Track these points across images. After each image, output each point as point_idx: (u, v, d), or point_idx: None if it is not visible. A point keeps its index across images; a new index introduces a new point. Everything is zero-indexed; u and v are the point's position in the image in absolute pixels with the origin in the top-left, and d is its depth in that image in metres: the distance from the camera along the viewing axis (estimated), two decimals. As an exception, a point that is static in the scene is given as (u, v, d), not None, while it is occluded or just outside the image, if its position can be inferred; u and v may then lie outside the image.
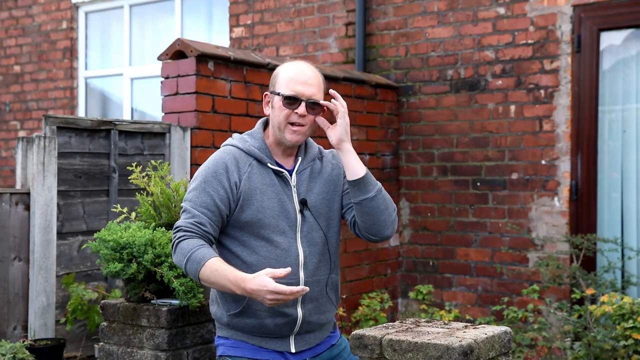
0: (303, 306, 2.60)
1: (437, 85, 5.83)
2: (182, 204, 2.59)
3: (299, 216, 2.61)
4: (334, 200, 2.71)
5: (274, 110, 2.62)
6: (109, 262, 3.17)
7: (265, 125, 2.71)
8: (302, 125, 2.60)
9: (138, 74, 7.52)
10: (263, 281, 2.33)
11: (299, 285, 2.56)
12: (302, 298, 2.58)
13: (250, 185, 2.57)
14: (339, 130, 2.62)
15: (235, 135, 2.72)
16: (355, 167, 2.60)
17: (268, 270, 2.37)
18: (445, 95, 5.79)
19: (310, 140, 2.77)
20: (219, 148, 2.62)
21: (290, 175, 2.64)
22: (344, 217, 2.74)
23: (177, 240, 2.52)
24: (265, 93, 2.68)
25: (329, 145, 2.73)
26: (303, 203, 2.63)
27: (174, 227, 2.56)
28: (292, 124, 2.60)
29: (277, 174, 2.62)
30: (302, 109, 2.58)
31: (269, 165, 2.61)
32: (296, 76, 2.60)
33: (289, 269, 2.37)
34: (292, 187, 2.63)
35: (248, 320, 2.58)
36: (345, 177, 2.67)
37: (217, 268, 2.43)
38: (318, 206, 2.66)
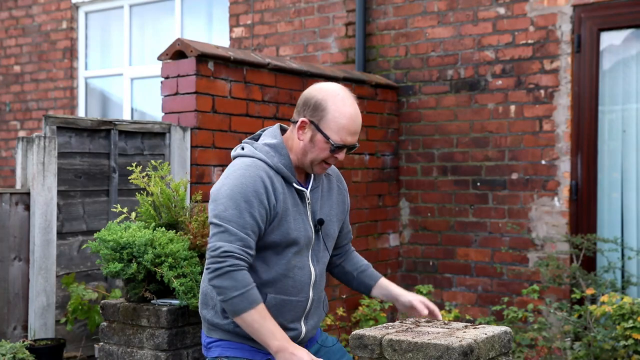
0: (306, 322, 2.64)
1: (437, 85, 5.83)
2: (219, 222, 2.45)
3: (314, 235, 2.63)
4: (337, 223, 2.75)
5: (314, 146, 2.55)
6: (109, 262, 3.17)
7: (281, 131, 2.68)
8: (332, 165, 2.63)
9: (138, 74, 7.52)
10: (303, 356, 2.38)
11: (308, 303, 2.63)
12: (306, 314, 2.63)
13: (284, 206, 2.54)
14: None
15: (258, 145, 2.61)
16: None
17: (311, 356, 2.41)
18: (445, 95, 5.79)
19: None
20: (219, 148, 2.62)
21: (306, 192, 2.64)
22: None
23: (230, 269, 2.41)
24: (304, 120, 2.55)
25: None
26: (320, 223, 2.64)
27: (218, 247, 2.43)
28: (326, 162, 2.59)
29: (298, 192, 2.61)
30: (342, 155, 2.58)
31: (294, 185, 2.59)
32: (349, 126, 2.53)
33: None
34: (307, 204, 2.63)
35: None
36: (348, 204, 2.79)
37: (265, 315, 2.43)
38: (327, 227, 2.68)
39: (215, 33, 7.16)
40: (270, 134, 2.65)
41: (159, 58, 4.52)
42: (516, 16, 5.50)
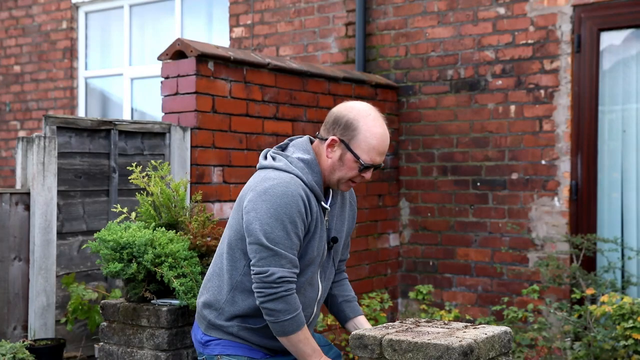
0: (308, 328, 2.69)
1: (437, 85, 5.83)
2: (269, 244, 2.45)
3: (326, 252, 2.66)
4: (345, 239, 2.77)
5: (342, 164, 2.57)
6: (109, 262, 3.17)
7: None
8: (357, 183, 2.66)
9: (138, 74, 7.52)
10: None
11: (311, 318, 2.68)
12: (309, 324, 2.69)
13: (314, 225, 2.56)
14: None
15: (292, 160, 2.59)
16: None
17: None
18: (445, 95, 5.79)
19: None
20: (219, 148, 2.61)
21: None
22: None
23: (285, 293, 2.46)
24: (334, 138, 2.56)
25: None
26: (334, 241, 2.67)
27: (272, 274, 2.45)
28: (353, 180, 2.61)
29: (323, 209, 2.62)
30: (369, 174, 2.60)
31: (322, 203, 2.60)
32: (379, 146, 2.56)
33: None
34: (325, 221, 2.64)
35: (257, 338, 2.63)
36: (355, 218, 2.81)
37: (308, 336, 2.54)
38: (337, 244, 2.71)
39: (215, 33, 7.16)
40: (301, 148, 2.63)
41: (159, 58, 4.52)
42: (516, 16, 5.50)
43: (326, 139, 2.58)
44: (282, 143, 2.71)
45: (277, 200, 2.46)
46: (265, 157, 2.64)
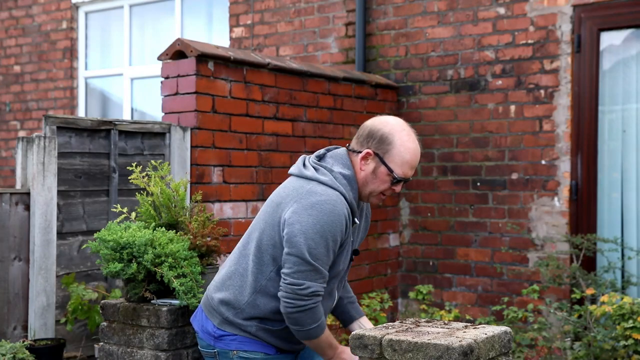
0: None
1: (437, 85, 5.83)
2: (311, 260, 2.48)
3: (348, 264, 2.71)
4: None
5: (375, 177, 2.61)
6: (109, 262, 3.17)
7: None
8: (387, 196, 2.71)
9: (138, 74, 7.52)
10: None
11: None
12: None
13: (346, 240, 2.61)
14: None
15: (337, 175, 2.59)
16: None
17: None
18: (445, 95, 5.79)
19: None
20: (219, 148, 2.61)
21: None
22: None
23: (314, 305, 2.53)
24: (369, 151, 2.60)
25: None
26: (355, 254, 2.72)
27: (307, 287, 2.50)
28: (383, 193, 2.66)
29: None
30: (400, 187, 2.65)
31: (355, 220, 2.63)
32: (412, 161, 2.61)
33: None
34: (351, 235, 2.67)
35: (276, 340, 2.67)
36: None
37: (328, 335, 2.63)
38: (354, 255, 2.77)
39: (215, 33, 7.16)
40: (342, 162, 2.65)
41: (159, 58, 4.52)
42: (516, 16, 5.50)
43: (360, 152, 2.62)
44: (319, 152, 2.71)
45: (324, 218, 2.49)
46: (304, 165, 2.64)
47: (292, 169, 2.67)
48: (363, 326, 2.88)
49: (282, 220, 2.54)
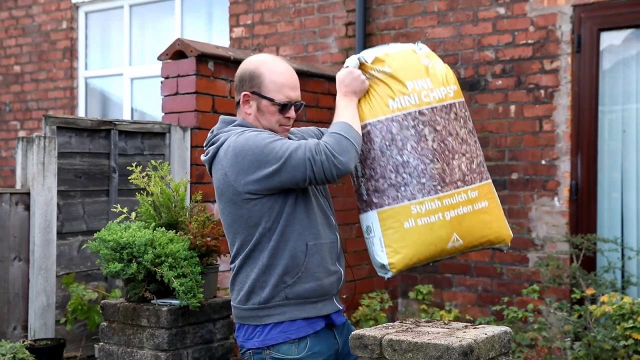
0: (339, 262, 2.68)
1: (437, 85, 5.83)
2: (277, 165, 2.45)
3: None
4: None
5: (263, 114, 2.61)
6: (109, 262, 3.17)
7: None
8: (290, 125, 2.67)
9: (138, 74, 7.53)
10: (344, 70, 2.67)
11: (337, 245, 2.68)
12: (338, 255, 2.67)
13: None
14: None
15: (230, 129, 2.62)
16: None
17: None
18: (445, 95, 5.78)
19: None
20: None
21: None
22: None
23: (328, 151, 2.45)
24: (245, 93, 2.62)
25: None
26: None
27: (309, 154, 2.45)
28: (282, 125, 2.64)
29: None
30: (292, 113, 2.63)
31: None
32: (287, 81, 2.62)
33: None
34: None
35: (307, 285, 2.56)
36: None
37: (351, 118, 2.61)
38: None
39: (215, 33, 7.16)
40: (226, 121, 2.66)
41: (159, 58, 4.52)
42: (516, 16, 5.50)
43: (239, 100, 2.64)
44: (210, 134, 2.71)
45: (247, 145, 2.49)
46: (207, 152, 2.65)
47: (202, 157, 2.69)
48: None
49: (224, 182, 2.53)
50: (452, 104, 2.70)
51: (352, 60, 2.77)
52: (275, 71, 2.61)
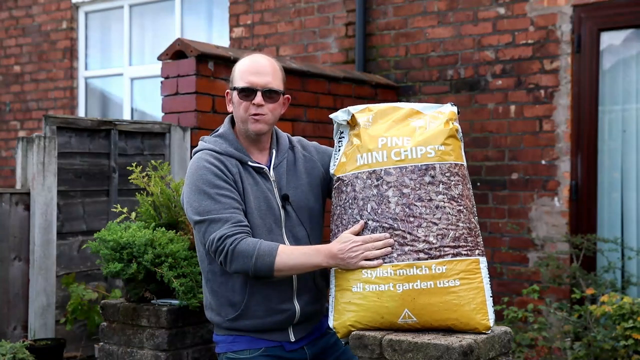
0: (299, 299, 2.61)
1: (437, 85, 5.83)
2: (200, 218, 2.48)
3: (282, 212, 2.62)
4: (313, 192, 2.71)
5: (235, 106, 2.64)
6: (109, 262, 3.17)
7: (233, 124, 2.71)
8: (263, 115, 2.61)
9: (138, 74, 7.53)
10: (344, 237, 2.39)
11: (294, 280, 2.60)
12: (296, 291, 2.60)
13: (243, 187, 2.57)
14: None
15: (205, 138, 2.69)
16: None
17: (346, 231, 2.42)
18: (445, 95, 5.79)
19: (279, 130, 2.80)
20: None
21: (269, 170, 2.65)
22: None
23: (231, 247, 2.43)
24: (227, 91, 2.70)
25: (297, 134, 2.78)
26: (285, 199, 2.63)
27: (212, 240, 2.45)
28: (253, 114, 2.61)
29: (258, 171, 2.62)
30: (258, 98, 2.60)
31: (249, 163, 2.61)
32: (249, 68, 2.63)
33: (362, 222, 2.39)
34: (272, 182, 2.64)
35: (247, 322, 2.59)
36: (324, 170, 2.74)
37: (291, 251, 2.46)
38: (298, 200, 2.66)
39: (215, 33, 7.16)
40: (220, 127, 2.73)
41: (159, 58, 4.52)
42: (516, 16, 5.50)
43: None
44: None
45: (191, 177, 2.55)
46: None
47: None
48: None
49: None
50: (430, 165, 2.37)
51: (342, 114, 2.54)
52: (241, 63, 2.65)
